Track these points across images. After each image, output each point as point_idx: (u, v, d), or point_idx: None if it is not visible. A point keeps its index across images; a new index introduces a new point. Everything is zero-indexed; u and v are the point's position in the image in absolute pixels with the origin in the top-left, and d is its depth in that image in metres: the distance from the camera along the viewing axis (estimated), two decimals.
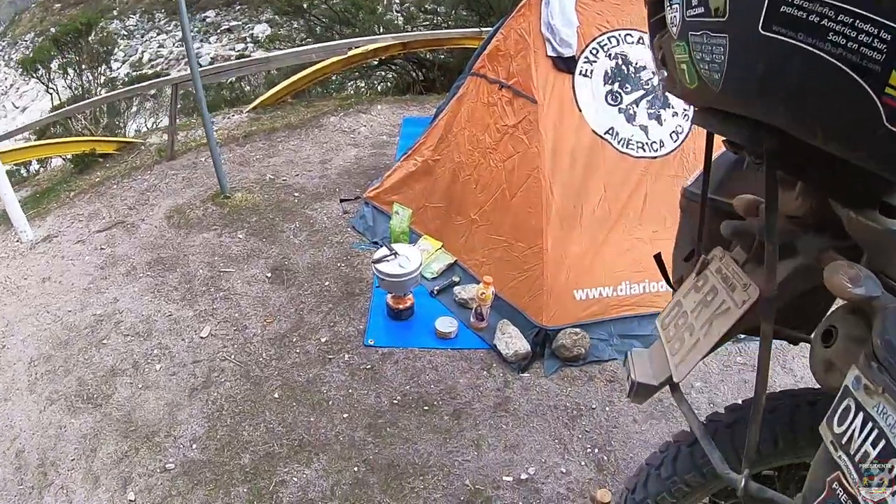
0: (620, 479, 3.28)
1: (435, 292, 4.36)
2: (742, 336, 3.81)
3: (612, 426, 3.54)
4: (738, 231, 1.86)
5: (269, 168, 5.95)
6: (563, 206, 3.92)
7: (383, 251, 4.01)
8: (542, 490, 3.24)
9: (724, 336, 1.78)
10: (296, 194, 5.53)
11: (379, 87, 11.25)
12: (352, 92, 9.34)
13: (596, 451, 3.42)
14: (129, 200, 5.93)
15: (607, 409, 3.63)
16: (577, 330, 3.81)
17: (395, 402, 3.66)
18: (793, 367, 3.86)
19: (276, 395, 3.71)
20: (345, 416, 3.58)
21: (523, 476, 3.29)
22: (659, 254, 2.40)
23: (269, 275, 4.66)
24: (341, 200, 5.40)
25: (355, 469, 3.31)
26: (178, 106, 7.14)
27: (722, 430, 1.97)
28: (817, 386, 1.52)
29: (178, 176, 6.30)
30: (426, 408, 3.62)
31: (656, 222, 4.04)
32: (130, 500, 3.20)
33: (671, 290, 2.34)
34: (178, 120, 7.19)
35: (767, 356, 1.50)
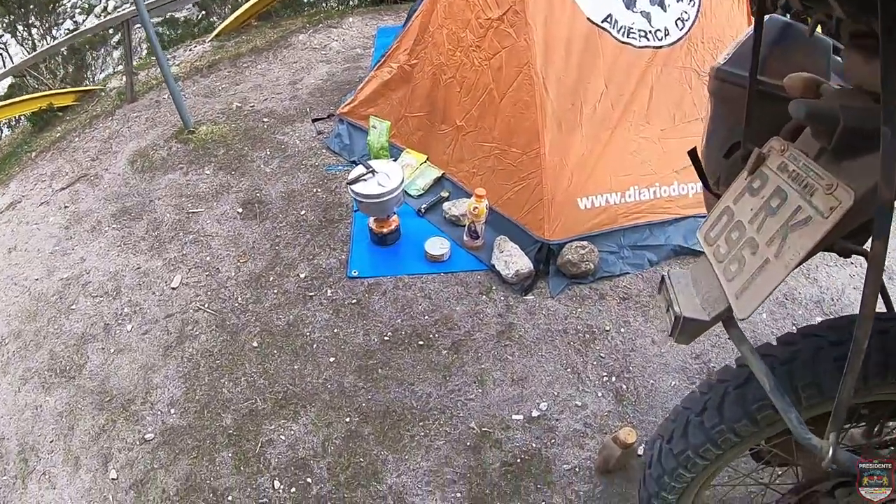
0: (641, 410, 2.73)
1: (422, 211, 3.65)
2: None
3: (628, 350, 2.94)
4: (815, 113, 1.32)
5: (235, 96, 5.08)
6: (560, 105, 3.17)
7: (359, 170, 3.28)
8: (557, 427, 2.68)
9: (807, 255, 1.29)
10: (265, 120, 4.72)
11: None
12: (323, 6, 8.28)
13: (613, 379, 2.83)
14: (91, 151, 5.10)
15: (622, 330, 3.01)
16: (584, 243, 3.13)
17: (387, 338, 3.03)
18: (817, 278, 3.22)
19: (255, 344, 3.09)
20: (331, 360, 2.97)
21: (534, 413, 2.72)
22: (694, 149, 1.81)
23: (240, 210, 3.93)
24: (313, 121, 4.59)
25: (347, 420, 2.73)
26: (134, 45, 6.15)
27: (778, 367, 1.52)
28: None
29: (141, 117, 5.42)
30: (421, 343, 3.00)
31: (664, 120, 3.32)
32: (113, 479, 2.66)
33: (711, 194, 1.82)
34: (138, 59, 6.29)
35: (877, 286, 1.14)
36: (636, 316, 3.05)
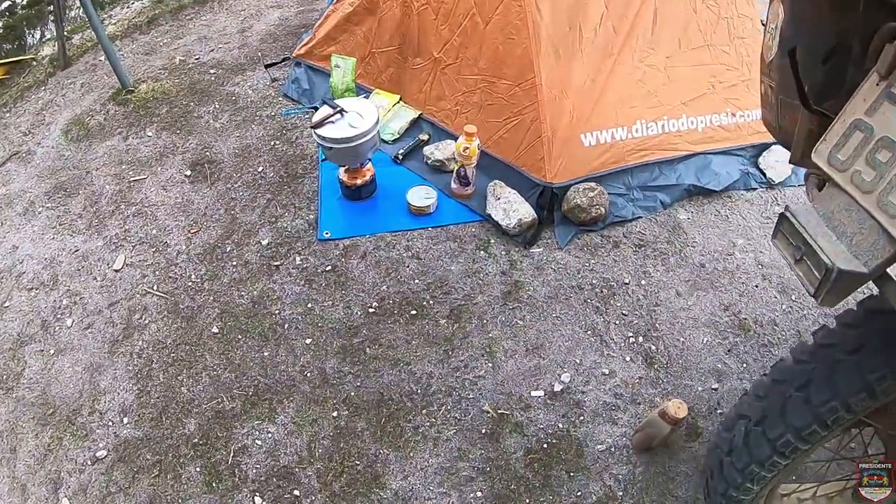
0: (675, 374, 2.12)
1: (399, 157, 2.83)
2: (776, 180, 2.65)
3: (652, 304, 2.29)
4: None
5: (178, 50, 4.02)
6: (556, 29, 2.43)
7: (325, 110, 2.45)
8: (584, 402, 2.05)
9: None
10: (212, 72, 3.72)
11: None
12: None
13: (640, 339, 2.20)
14: (23, 126, 3.91)
15: (643, 282, 2.36)
16: (592, 185, 2.44)
17: (372, 310, 2.29)
18: None
19: (214, 330, 2.29)
20: (308, 341, 2.22)
21: (556, 387, 2.08)
22: (793, 49, 1.16)
23: (188, 173, 3.00)
24: (266, 66, 3.61)
25: (334, 415, 2.02)
26: (68, 7, 5.00)
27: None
28: None
29: (76, 83, 4.23)
30: (413, 312, 2.27)
31: (669, 46, 2.60)
32: None
33: (807, 111, 1.18)
34: (70, 23, 5.09)
35: None
36: (656, 265, 2.40)
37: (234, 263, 2.50)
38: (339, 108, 2.41)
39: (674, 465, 1.95)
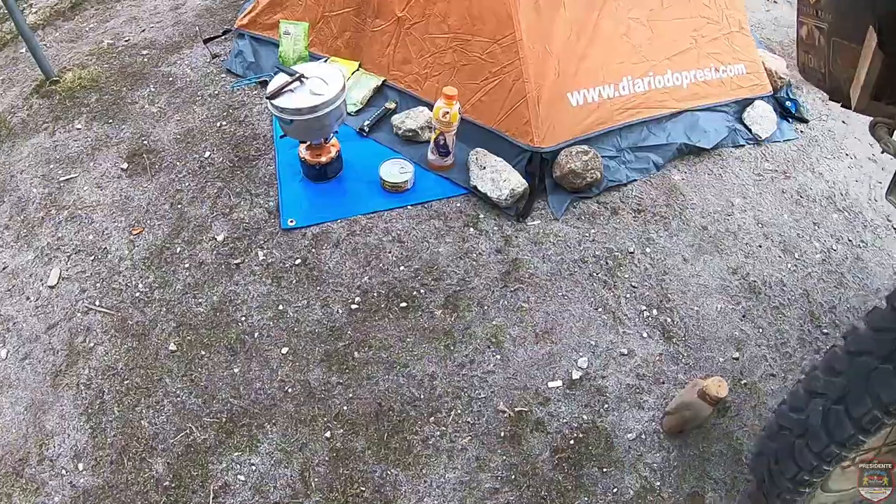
0: (694, 346, 1.82)
1: (365, 130, 2.32)
2: (762, 136, 2.33)
3: (660, 273, 1.96)
4: None
5: (106, 34, 3.17)
6: None
7: (281, 78, 1.94)
8: (606, 388, 1.71)
9: None
10: (144, 53, 2.96)
11: None
12: None
13: (654, 312, 1.87)
14: None
15: (648, 249, 2.02)
16: (585, 148, 2.06)
17: (355, 306, 1.83)
18: (822, 172, 2.35)
19: (172, 348, 1.76)
20: (284, 351, 1.74)
21: (574, 374, 1.72)
22: None
23: (124, 167, 2.35)
24: (205, 42, 2.91)
25: (327, 435, 1.59)
26: None
27: None
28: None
29: None
30: (404, 304, 1.83)
31: (652, 0, 2.27)
32: None
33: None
34: None
35: None
36: (658, 231, 2.07)
37: (187, 266, 1.96)
38: (297, 75, 1.91)
39: (706, 445, 1.66)
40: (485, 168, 2.05)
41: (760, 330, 1.92)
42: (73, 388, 1.71)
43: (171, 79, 2.71)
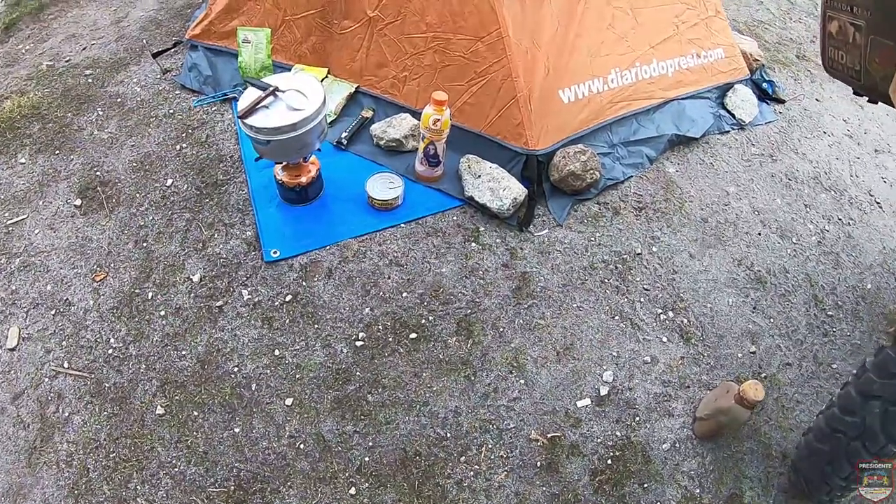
0: (712, 345, 1.71)
1: (344, 143, 2.06)
2: (745, 120, 2.23)
3: (670, 272, 1.84)
4: None
5: (44, 55, 2.67)
6: None
7: (252, 93, 1.65)
8: (635, 400, 1.58)
9: None
10: (87, 73, 2.51)
11: None
12: None
13: (670, 314, 1.75)
14: None
15: (654, 249, 1.88)
16: (581, 147, 1.89)
17: (360, 343, 1.60)
18: (804, 152, 2.28)
19: (159, 411, 1.48)
20: (289, 402, 1.50)
21: (602, 389, 1.58)
22: None
23: (77, 203, 1.98)
24: (154, 56, 2.49)
25: (352, 492, 1.37)
26: None
27: None
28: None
29: None
30: (413, 335, 1.62)
31: None
32: None
33: None
34: None
35: None
36: (661, 228, 1.94)
37: (163, 313, 1.67)
38: (271, 88, 1.64)
39: (737, 444, 1.58)
40: (480, 176, 1.86)
41: (771, 320, 1.84)
42: (52, 466, 1.43)
43: (119, 100, 2.34)
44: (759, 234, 2.02)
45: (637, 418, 1.58)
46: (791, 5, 3.20)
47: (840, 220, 2.13)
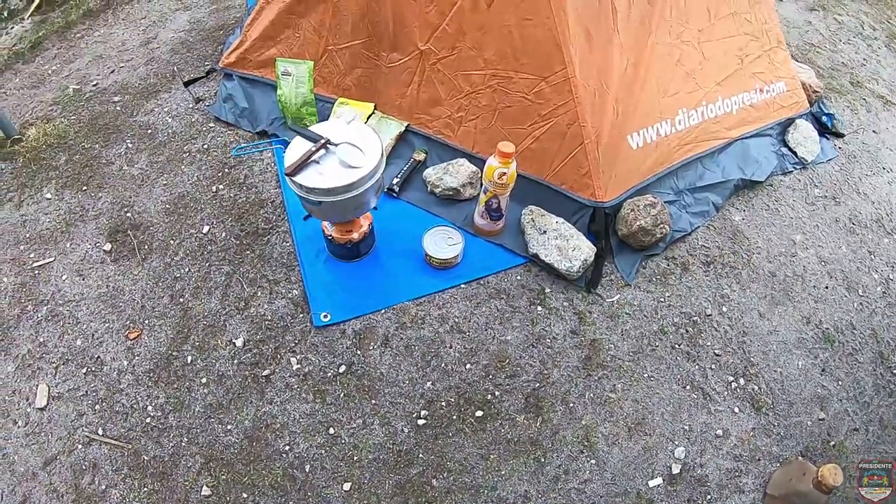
0: (782, 413, 1.59)
1: (396, 190, 1.86)
2: (808, 159, 2.03)
3: (739, 334, 1.69)
4: None
5: (71, 77, 2.40)
6: (584, 2, 1.59)
7: (300, 145, 1.43)
8: (707, 477, 1.45)
9: None
10: (116, 99, 2.25)
11: None
12: None
13: (741, 381, 1.61)
14: None
15: (724, 308, 1.73)
16: (651, 199, 1.71)
17: (423, 422, 1.45)
18: (866, 192, 2.10)
19: (206, 492, 1.33)
20: (347, 487, 1.34)
21: (674, 468, 1.44)
22: None
23: (107, 248, 1.77)
24: (186, 84, 2.26)
25: None
26: None
27: None
28: None
29: None
30: (480, 413, 1.47)
31: (700, 16, 1.88)
32: None
33: None
34: None
35: None
36: (731, 284, 1.78)
37: (204, 381, 1.51)
38: (322, 141, 1.43)
39: None
40: (545, 232, 1.68)
41: (839, 382, 1.72)
42: None
43: (150, 131, 2.12)
44: (826, 287, 1.87)
45: (708, 497, 1.45)
46: (839, 25, 2.97)
47: None
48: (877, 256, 2.00)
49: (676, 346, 1.66)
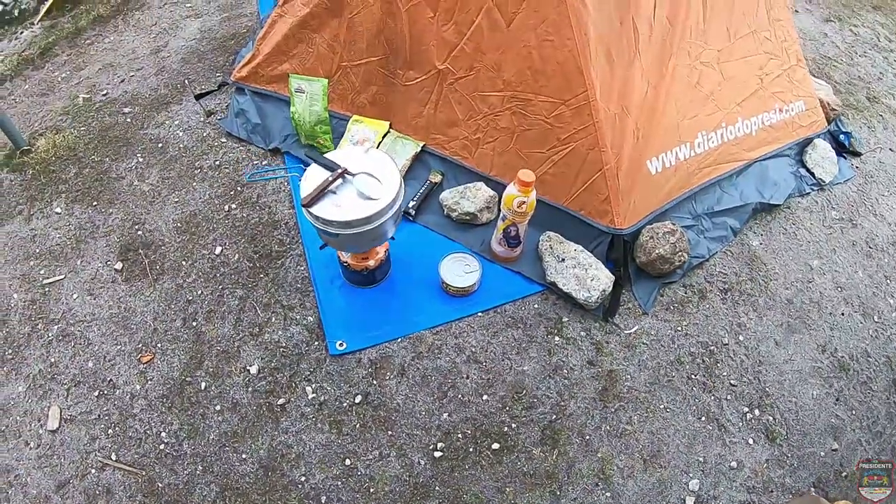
0: (796, 444, 1.57)
1: (412, 213, 1.83)
2: (826, 180, 1.99)
3: (756, 364, 1.67)
4: None
5: (80, 85, 2.34)
6: (606, 24, 1.55)
7: (317, 174, 1.39)
8: None
9: None
10: (126, 110, 2.19)
11: None
12: None
13: (756, 412, 1.60)
14: None
15: (741, 337, 1.70)
16: (669, 225, 1.69)
17: (439, 454, 1.42)
18: (884, 213, 2.07)
19: None
20: None
21: (688, 501, 1.43)
22: None
23: (118, 266, 1.74)
24: (197, 98, 2.20)
25: None
26: None
27: None
28: None
29: None
30: (496, 445, 1.44)
31: (720, 37, 1.84)
32: None
33: None
34: None
35: None
36: (748, 312, 1.75)
37: (218, 408, 1.49)
38: (339, 170, 1.39)
39: None
40: (564, 260, 1.65)
41: (853, 412, 1.70)
42: None
43: (160, 145, 2.07)
44: (843, 314, 1.84)
45: None
46: (855, 37, 2.91)
47: None
48: (893, 281, 1.97)
49: (693, 376, 1.63)
